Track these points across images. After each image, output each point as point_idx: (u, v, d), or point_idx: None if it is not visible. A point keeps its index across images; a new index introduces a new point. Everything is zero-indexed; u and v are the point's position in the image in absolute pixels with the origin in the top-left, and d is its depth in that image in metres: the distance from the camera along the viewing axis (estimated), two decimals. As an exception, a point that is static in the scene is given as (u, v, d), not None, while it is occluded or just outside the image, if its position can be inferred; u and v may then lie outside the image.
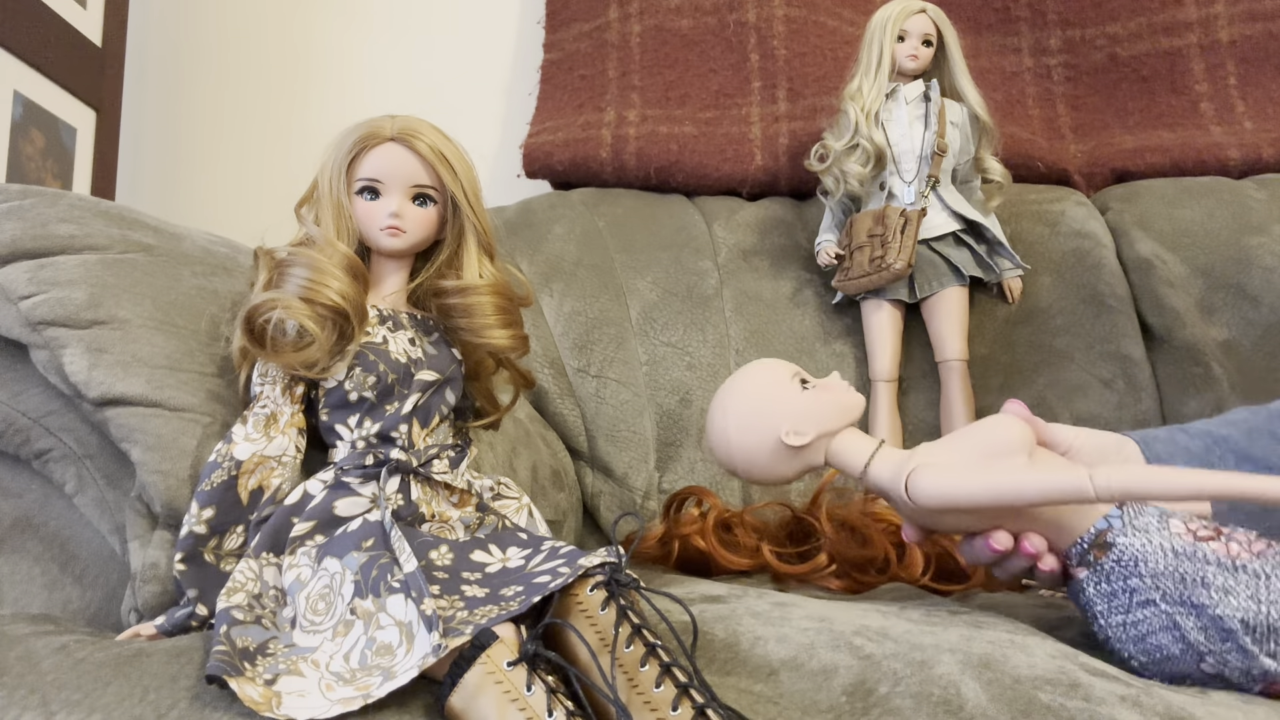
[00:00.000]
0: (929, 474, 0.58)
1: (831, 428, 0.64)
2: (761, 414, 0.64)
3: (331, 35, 1.63)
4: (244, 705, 0.47)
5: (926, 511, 0.59)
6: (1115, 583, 0.57)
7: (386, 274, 0.71)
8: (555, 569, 0.55)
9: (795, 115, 1.33)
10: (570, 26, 1.47)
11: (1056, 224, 1.17)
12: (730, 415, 0.65)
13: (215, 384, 0.66)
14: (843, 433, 0.64)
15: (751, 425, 0.64)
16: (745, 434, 0.64)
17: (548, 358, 1.15)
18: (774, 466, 0.64)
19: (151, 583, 0.61)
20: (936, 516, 0.60)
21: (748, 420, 0.64)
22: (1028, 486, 0.56)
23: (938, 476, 0.58)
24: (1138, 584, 0.56)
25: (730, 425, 0.65)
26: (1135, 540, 0.57)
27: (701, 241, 1.23)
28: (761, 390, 0.65)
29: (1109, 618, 0.57)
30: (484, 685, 0.47)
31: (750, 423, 0.64)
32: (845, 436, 0.64)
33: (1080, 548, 0.58)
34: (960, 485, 0.57)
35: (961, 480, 0.58)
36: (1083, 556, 0.58)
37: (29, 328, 0.62)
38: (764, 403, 0.64)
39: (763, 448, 0.64)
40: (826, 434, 0.64)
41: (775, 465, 0.64)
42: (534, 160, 1.38)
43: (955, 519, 0.60)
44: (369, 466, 0.64)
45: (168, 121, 1.62)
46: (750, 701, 0.51)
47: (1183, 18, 1.30)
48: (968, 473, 0.58)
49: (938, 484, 0.58)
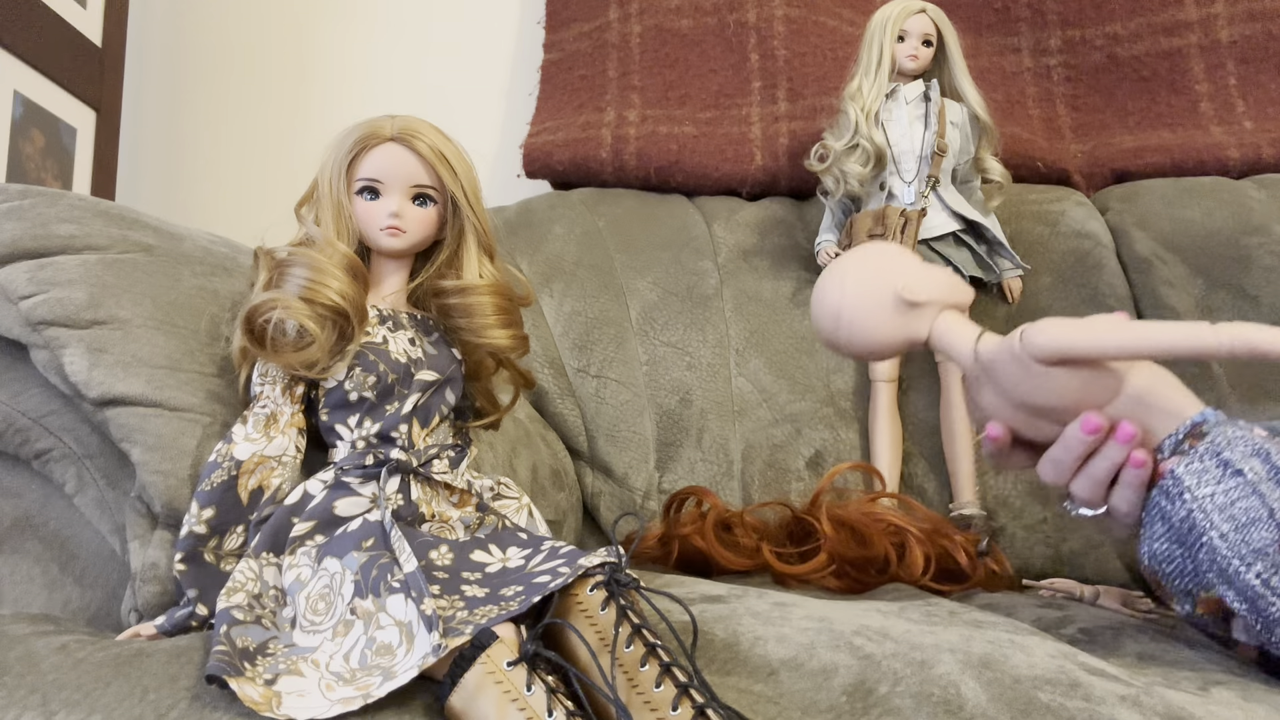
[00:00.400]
0: (1045, 322, 0.58)
1: (944, 298, 0.65)
2: (881, 270, 0.65)
3: (332, 36, 1.63)
4: (244, 705, 0.47)
5: (1034, 369, 0.58)
6: (1207, 460, 0.57)
7: (386, 274, 0.71)
8: (555, 569, 0.55)
9: (795, 115, 1.33)
10: (570, 27, 1.47)
11: (1056, 224, 1.17)
12: (849, 272, 0.66)
13: (215, 384, 0.66)
14: (951, 310, 0.65)
15: (869, 279, 0.65)
16: (861, 287, 0.65)
17: (548, 358, 1.15)
18: (880, 325, 0.65)
19: (151, 583, 0.61)
20: (1040, 378, 0.59)
21: (866, 275, 0.66)
22: (1154, 333, 0.55)
23: (1059, 322, 0.58)
24: (1229, 457, 0.56)
25: (848, 280, 0.66)
26: (1229, 429, 0.57)
27: (701, 241, 1.23)
28: (883, 253, 0.67)
29: (1198, 490, 0.56)
30: (484, 685, 0.47)
31: (868, 277, 0.65)
32: (954, 314, 0.65)
33: (1174, 439, 0.58)
34: (1084, 331, 0.57)
35: (1085, 327, 0.57)
36: (1176, 446, 0.58)
37: (29, 328, 0.62)
38: (885, 260, 0.66)
39: (877, 303, 0.65)
40: (938, 303, 0.65)
41: (882, 323, 0.65)
42: (534, 160, 1.38)
43: (1061, 383, 0.58)
44: (369, 466, 0.64)
45: (168, 121, 1.62)
46: (750, 701, 0.51)
47: (1183, 18, 1.30)
48: (1086, 321, 0.58)
49: (1059, 327, 0.57)
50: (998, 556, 0.94)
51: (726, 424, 1.11)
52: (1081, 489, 0.61)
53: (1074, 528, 1.00)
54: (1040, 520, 1.01)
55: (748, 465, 1.09)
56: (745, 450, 1.10)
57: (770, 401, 1.11)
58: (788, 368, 1.13)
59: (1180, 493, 0.57)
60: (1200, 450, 0.57)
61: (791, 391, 1.11)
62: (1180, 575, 0.58)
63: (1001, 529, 1.02)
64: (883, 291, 0.65)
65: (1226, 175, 1.22)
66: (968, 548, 0.91)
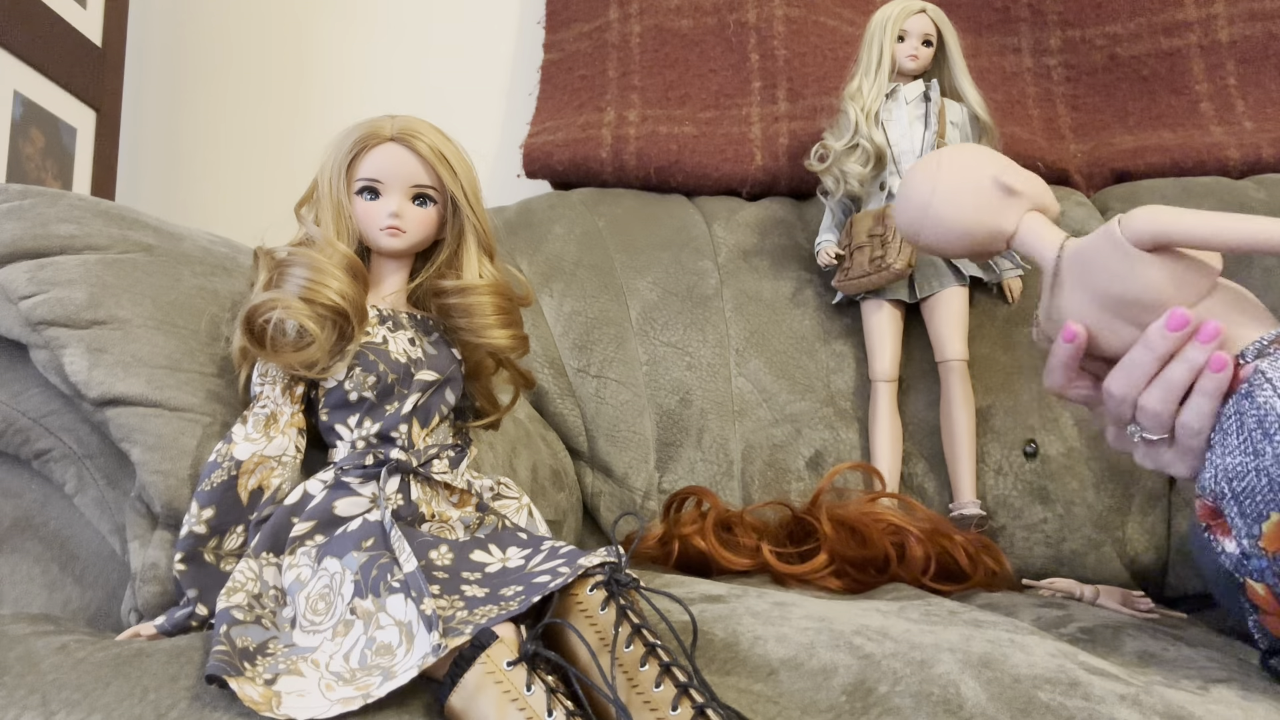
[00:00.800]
0: (1144, 208, 0.58)
1: (1036, 196, 0.66)
2: (980, 157, 0.67)
3: (332, 36, 1.63)
4: (244, 705, 0.47)
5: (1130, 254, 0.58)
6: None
7: (386, 274, 0.71)
8: (555, 569, 0.55)
9: (795, 115, 1.33)
10: (570, 27, 1.47)
11: (1056, 224, 1.17)
12: (946, 155, 0.68)
13: (215, 384, 0.66)
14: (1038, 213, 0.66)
15: (967, 163, 0.67)
16: (959, 167, 0.67)
17: (548, 358, 1.15)
18: (972, 210, 0.66)
19: (151, 583, 0.61)
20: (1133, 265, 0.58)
21: (964, 160, 0.67)
22: (1254, 224, 0.55)
23: (1154, 209, 0.57)
24: None
25: (944, 161, 0.67)
26: None
27: (701, 241, 1.23)
28: (980, 149, 0.70)
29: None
30: (484, 685, 0.47)
31: (966, 162, 0.67)
32: (1040, 216, 0.66)
33: (1260, 343, 0.57)
34: (1183, 215, 0.56)
35: (1183, 212, 0.57)
36: (1262, 351, 0.57)
37: (29, 328, 0.62)
38: (983, 152, 0.69)
39: (973, 186, 0.66)
40: (1030, 198, 0.66)
41: (974, 209, 0.66)
42: (534, 160, 1.38)
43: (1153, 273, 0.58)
44: (369, 466, 0.64)
45: (168, 121, 1.62)
46: (750, 701, 0.51)
47: (1183, 18, 1.30)
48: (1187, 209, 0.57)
49: (1160, 212, 0.57)
50: (998, 556, 0.94)
51: (726, 424, 1.11)
52: (1155, 399, 0.58)
53: (1074, 528, 1.00)
54: (1040, 520, 1.01)
55: (748, 465, 1.09)
56: (745, 450, 1.10)
57: (770, 401, 1.12)
58: (788, 368, 1.13)
59: (1263, 385, 0.54)
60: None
61: (791, 391, 1.12)
62: (1251, 493, 0.53)
63: (1001, 529, 1.02)
64: (980, 175, 0.66)
65: (1226, 175, 1.22)
66: (968, 548, 0.91)
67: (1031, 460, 0.95)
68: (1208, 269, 0.59)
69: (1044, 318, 0.66)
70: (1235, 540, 0.55)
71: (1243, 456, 0.54)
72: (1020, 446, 0.64)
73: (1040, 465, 1.02)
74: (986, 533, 1.01)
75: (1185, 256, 0.58)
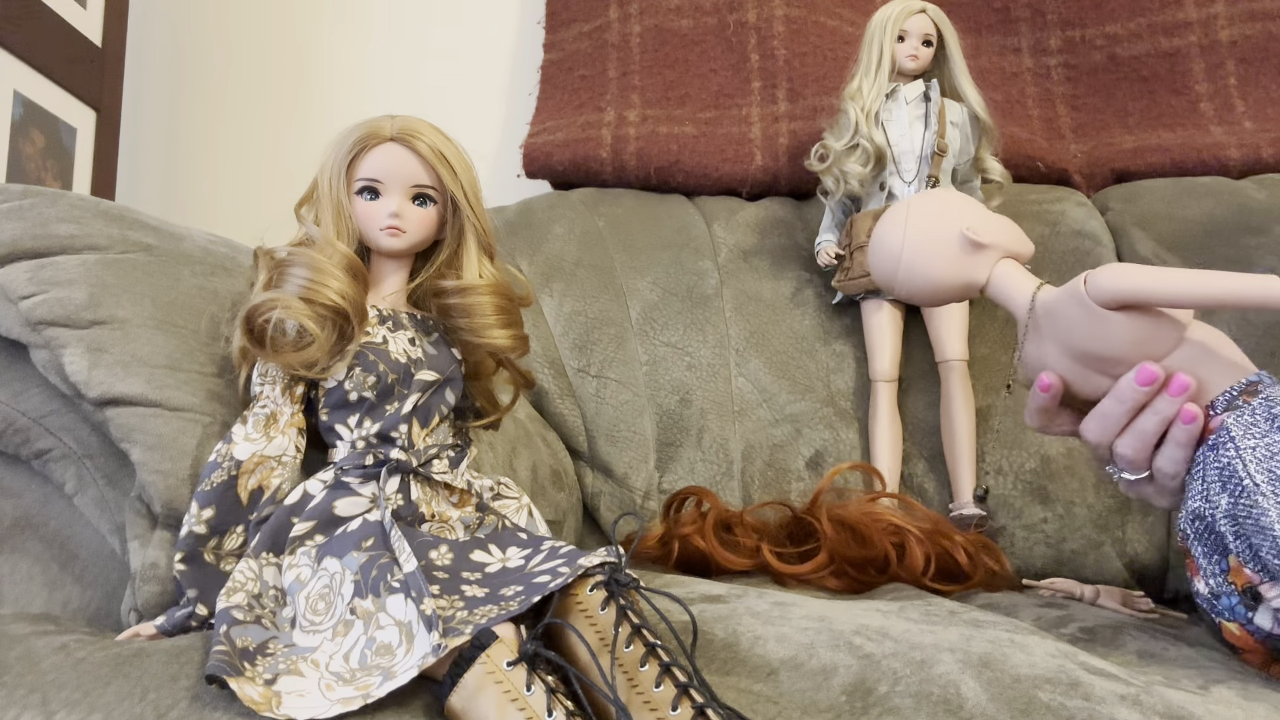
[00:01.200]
0: (1112, 267, 0.58)
1: (1006, 245, 0.65)
2: (946, 210, 0.66)
3: (332, 36, 1.63)
4: (244, 705, 0.47)
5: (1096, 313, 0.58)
6: (1259, 414, 0.56)
7: (386, 274, 0.71)
8: (555, 569, 0.55)
9: (795, 115, 1.33)
10: (570, 27, 1.47)
11: (1056, 224, 1.17)
12: (913, 210, 0.67)
13: (215, 384, 0.66)
14: (1011, 260, 0.66)
15: (933, 218, 0.66)
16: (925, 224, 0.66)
17: (548, 358, 1.15)
18: (942, 265, 0.65)
19: (151, 583, 0.61)
20: (1101, 324, 0.58)
21: (930, 213, 0.66)
22: (1222, 282, 0.55)
23: (1122, 268, 0.57)
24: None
25: (912, 217, 0.66)
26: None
27: (701, 241, 1.23)
28: (947, 196, 0.69)
29: (1243, 441, 0.55)
30: (484, 685, 0.47)
31: (932, 216, 0.66)
32: (1013, 263, 0.65)
33: (1229, 395, 0.58)
34: (1149, 275, 0.56)
35: (1150, 271, 0.56)
36: (1231, 402, 0.58)
37: (29, 328, 0.62)
38: (950, 202, 0.67)
39: (940, 242, 0.65)
40: (1000, 248, 0.65)
41: (944, 264, 0.65)
42: (534, 160, 1.38)
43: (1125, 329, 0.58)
44: (369, 466, 0.64)
45: (168, 121, 1.62)
46: (750, 701, 0.51)
47: (1183, 18, 1.30)
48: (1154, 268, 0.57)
49: (1126, 271, 0.57)
50: (998, 556, 0.94)
51: (726, 424, 1.11)
52: (1127, 447, 0.59)
53: (1074, 528, 1.00)
54: (1040, 520, 1.01)
55: (748, 465, 1.09)
56: (745, 450, 1.10)
57: (770, 401, 1.12)
58: (788, 368, 1.13)
59: (1227, 444, 0.56)
60: (1254, 405, 0.56)
61: (791, 391, 1.11)
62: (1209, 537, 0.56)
63: (1001, 529, 1.02)
64: (947, 231, 0.65)
65: (1226, 175, 1.22)
66: (968, 548, 0.91)
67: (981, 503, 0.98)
68: (1176, 323, 0.59)
69: (1021, 363, 0.66)
70: (1204, 580, 0.58)
71: (1203, 503, 0.57)
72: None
73: (1041, 466, 1.02)
74: (986, 533, 1.01)
75: (1153, 311, 0.59)
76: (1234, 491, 0.55)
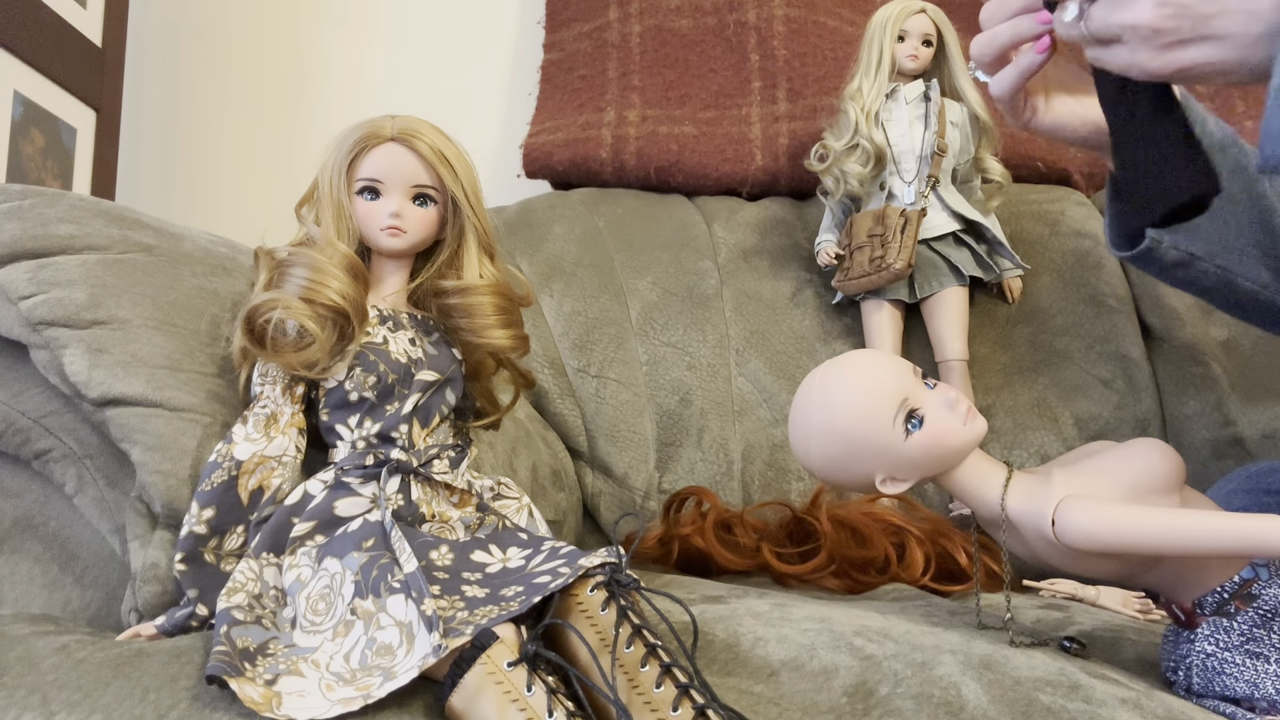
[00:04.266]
0: (1081, 510, 0.52)
1: (937, 472, 0.57)
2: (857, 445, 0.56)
3: (331, 36, 1.62)
4: (244, 705, 0.47)
5: (1071, 553, 0.53)
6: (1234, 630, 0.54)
7: (386, 274, 0.71)
8: (555, 569, 0.55)
9: (795, 115, 1.33)
10: (570, 26, 1.47)
11: (1056, 224, 1.17)
12: (814, 440, 0.57)
13: (215, 384, 0.66)
14: (963, 463, 0.57)
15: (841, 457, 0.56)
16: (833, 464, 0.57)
17: (548, 358, 1.15)
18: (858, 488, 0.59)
19: (151, 583, 0.61)
20: (1079, 558, 0.54)
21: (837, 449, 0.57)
22: (1204, 532, 0.49)
23: (1092, 514, 0.51)
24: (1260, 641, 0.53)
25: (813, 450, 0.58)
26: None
27: (701, 241, 1.23)
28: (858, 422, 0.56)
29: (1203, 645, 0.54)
30: (484, 685, 0.47)
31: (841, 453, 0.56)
32: (968, 466, 0.57)
33: (1218, 596, 0.54)
34: (1122, 526, 0.51)
35: (1123, 520, 0.51)
36: (1220, 606, 0.54)
37: (29, 328, 0.62)
38: (859, 437, 0.56)
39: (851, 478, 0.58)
40: (932, 476, 0.58)
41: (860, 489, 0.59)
42: (534, 160, 1.38)
43: (1099, 563, 0.54)
44: (369, 466, 0.64)
45: (168, 121, 1.62)
46: (751, 702, 0.51)
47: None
48: (1127, 511, 0.51)
49: (1093, 522, 0.51)
50: (998, 556, 0.94)
51: (726, 424, 1.11)
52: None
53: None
54: (1040, 520, 1.01)
55: (748, 465, 1.09)
56: (745, 450, 1.10)
57: (770, 401, 1.11)
58: (788, 368, 1.13)
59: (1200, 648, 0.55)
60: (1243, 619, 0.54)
61: (791, 391, 1.11)
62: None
63: (1001, 529, 1.02)
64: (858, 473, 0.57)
65: (1227, 174, 1.22)
66: (968, 548, 0.91)
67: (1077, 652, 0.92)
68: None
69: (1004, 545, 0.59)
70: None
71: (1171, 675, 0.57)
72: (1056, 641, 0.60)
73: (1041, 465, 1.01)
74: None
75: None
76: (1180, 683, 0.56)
